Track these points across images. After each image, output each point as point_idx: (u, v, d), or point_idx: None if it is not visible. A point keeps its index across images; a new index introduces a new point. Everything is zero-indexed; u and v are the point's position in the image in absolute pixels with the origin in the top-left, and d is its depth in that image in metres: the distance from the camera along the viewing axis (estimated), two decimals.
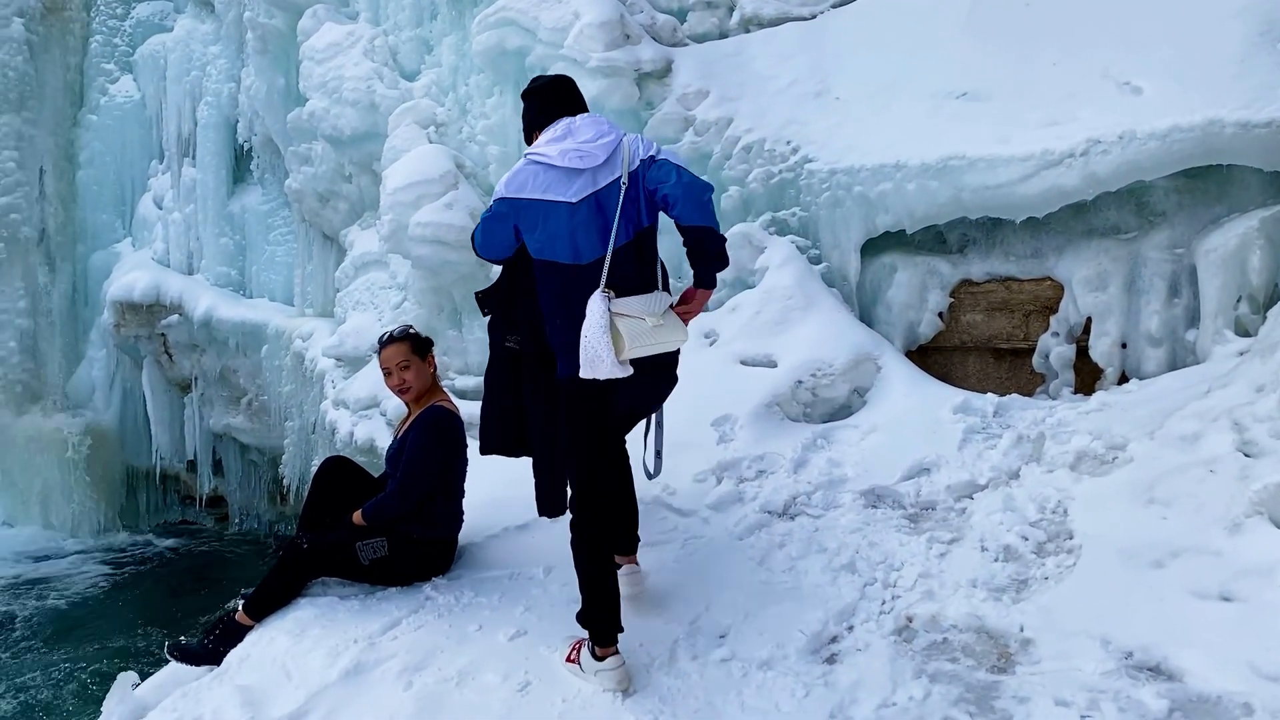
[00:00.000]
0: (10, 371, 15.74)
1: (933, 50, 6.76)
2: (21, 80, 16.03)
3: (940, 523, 4.36)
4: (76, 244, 16.50)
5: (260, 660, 3.90)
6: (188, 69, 14.92)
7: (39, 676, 10.73)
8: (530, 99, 3.85)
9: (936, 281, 6.31)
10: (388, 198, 8.68)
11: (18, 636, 11.87)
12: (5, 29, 15.93)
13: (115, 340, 15.31)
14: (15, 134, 15.94)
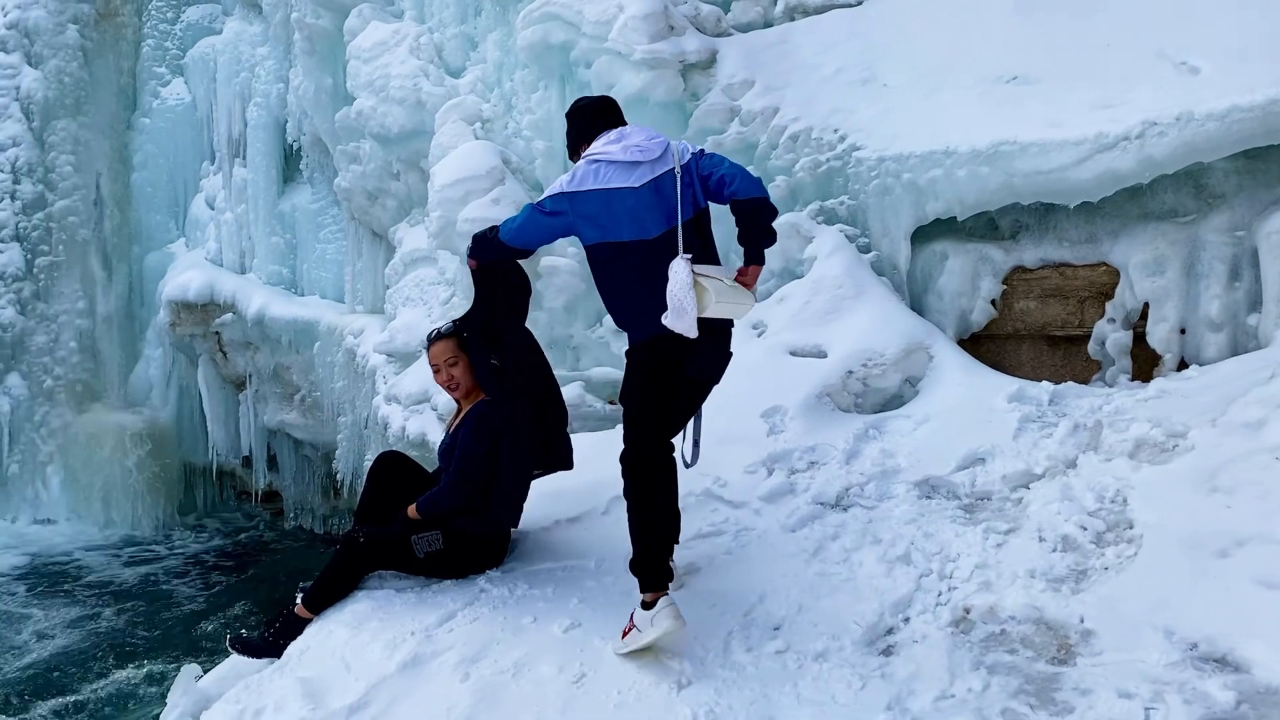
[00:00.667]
0: (70, 371, 16.10)
1: (982, 34, 6.68)
2: (77, 86, 16.37)
3: (996, 513, 4.31)
4: (132, 245, 16.83)
5: (320, 652, 3.96)
6: (237, 70, 15.12)
7: (102, 666, 10.99)
8: (576, 117, 4.19)
9: (989, 268, 6.23)
10: (435, 194, 8.74)
11: (80, 631, 12.16)
12: (60, 36, 16.27)
13: (171, 339, 15.60)
14: (72, 138, 16.29)
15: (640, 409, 3.86)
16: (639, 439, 3.84)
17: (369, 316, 12.30)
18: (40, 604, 12.94)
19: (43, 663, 11.16)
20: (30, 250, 16.03)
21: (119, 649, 11.52)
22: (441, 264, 10.19)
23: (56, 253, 16.16)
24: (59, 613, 12.65)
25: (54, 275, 16.13)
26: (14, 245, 15.93)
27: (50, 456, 15.80)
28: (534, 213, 4.01)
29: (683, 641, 3.63)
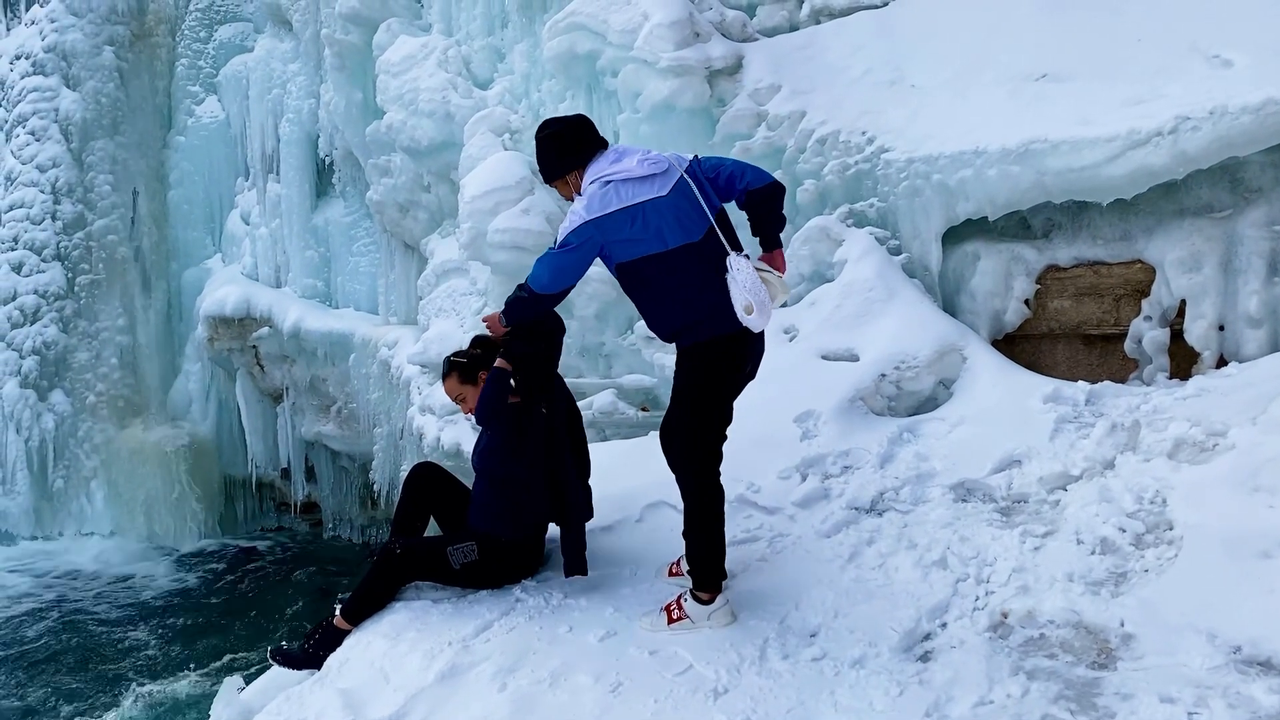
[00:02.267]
0: (112, 387, 16.36)
1: (1010, 32, 6.63)
2: (114, 106, 16.67)
3: (1033, 516, 4.27)
4: (170, 262, 17.10)
5: (359, 664, 3.99)
6: (269, 87, 15.33)
7: (141, 680, 11.13)
8: (556, 141, 4.06)
9: (1021, 268, 6.17)
10: (466, 206, 8.81)
11: (122, 643, 12.33)
12: (97, 58, 16.57)
13: (209, 354, 15.83)
14: (110, 158, 16.58)
15: (706, 410, 3.90)
16: (705, 440, 3.88)
17: (402, 328, 12.41)
18: (82, 616, 13.14)
19: (78, 674, 11.32)
20: (71, 269, 16.32)
21: (160, 661, 11.67)
22: (473, 274, 10.27)
23: (96, 271, 16.45)
24: (99, 625, 12.84)
25: (94, 293, 16.41)
26: (55, 265, 16.23)
27: (94, 471, 16.06)
28: (561, 255, 3.93)
29: (719, 647, 3.62)
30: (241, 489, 16.94)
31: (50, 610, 13.40)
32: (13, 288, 16.05)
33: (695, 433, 3.89)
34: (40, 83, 16.57)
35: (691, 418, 3.90)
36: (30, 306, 16.06)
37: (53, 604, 13.64)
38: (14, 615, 13.30)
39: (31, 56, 16.64)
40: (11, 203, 16.31)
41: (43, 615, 13.21)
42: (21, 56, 16.77)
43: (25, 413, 15.81)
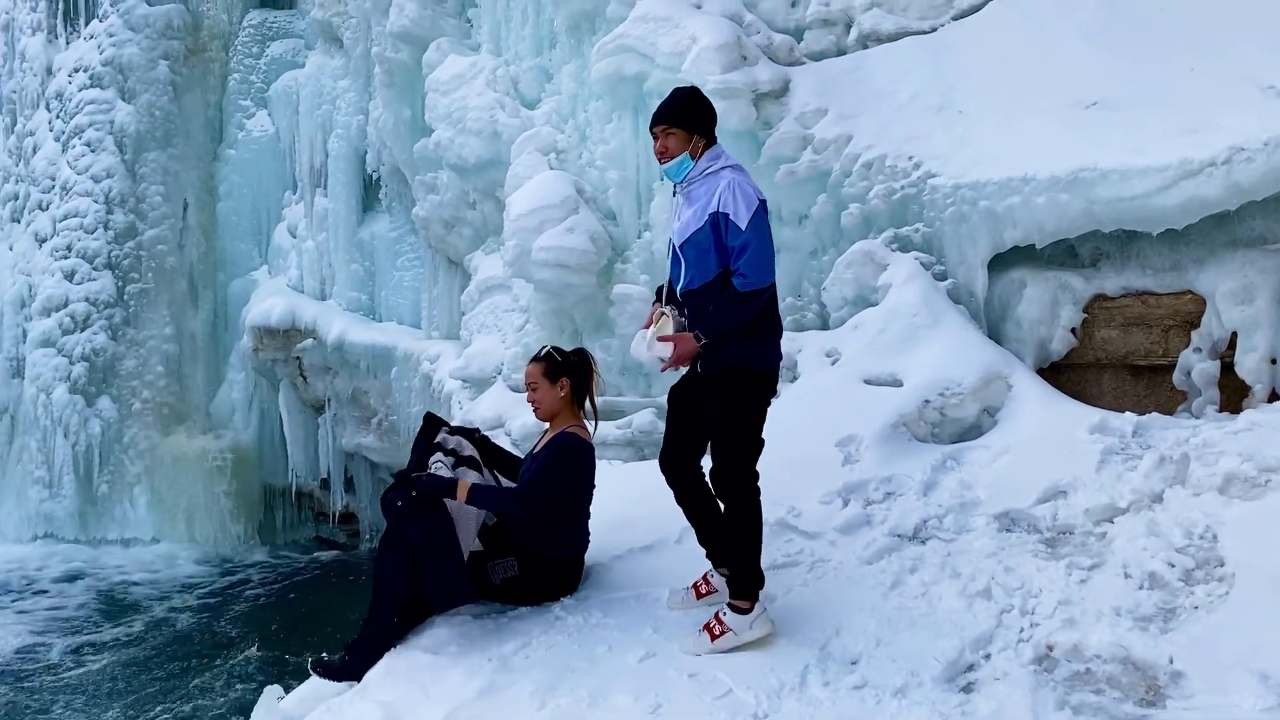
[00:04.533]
0: (158, 394, 16.60)
1: (1060, 60, 6.59)
2: (167, 119, 16.98)
3: (1079, 548, 4.22)
4: (217, 272, 17.35)
5: (399, 677, 4.02)
6: (319, 103, 15.55)
7: (184, 688, 11.25)
8: (709, 105, 4.11)
9: (1068, 296, 6.12)
10: (511, 224, 8.88)
11: (159, 649, 12.47)
12: (152, 71, 16.91)
13: (254, 364, 16.03)
14: (161, 169, 16.88)
15: (756, 432, 4.00)
16: (752, 460, 3.98)
17: (445, 342, 12.51)
18: (122, 623, 13.31)
19: (118, 684, 11.45)
20: (121, 278, 16.61)
21: (198, 669, 11.79)
22: (516, 291, 10.34)
23: (146, 280, 16.73)
24: (135, 631, 13.00)
25: (143, 302, 16.68)
26: (106, 273, 16.53)
27: (138, 477, 16.29)
28: (762, 244, 3.89)
29: (759, 673, 3.61)
30: (281, 498, 17.09)
31: (86, 615, 13.57)
32: (65, 295, 16.35)
33: (753, 455, 3.99)
34: (97, 95, 16.92)
35: (754, 439, 3.99)
36: (81, 314, 16.36)
37: (89, 608, 13.81)
38: (53, 617, 13.49)
39: (89, 69, 17.00)
40: (66, 211, 16.64)
41: (79, 620, 13.39)
42: (80, 69, 17.14)
43: (73, 418, 16.09)
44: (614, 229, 8.89)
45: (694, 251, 3.97)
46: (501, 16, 10.91)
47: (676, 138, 4.02)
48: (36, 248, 17.01)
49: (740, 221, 3.84)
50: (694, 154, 4.02)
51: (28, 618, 13.50)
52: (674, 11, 8.06)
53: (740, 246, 3.86)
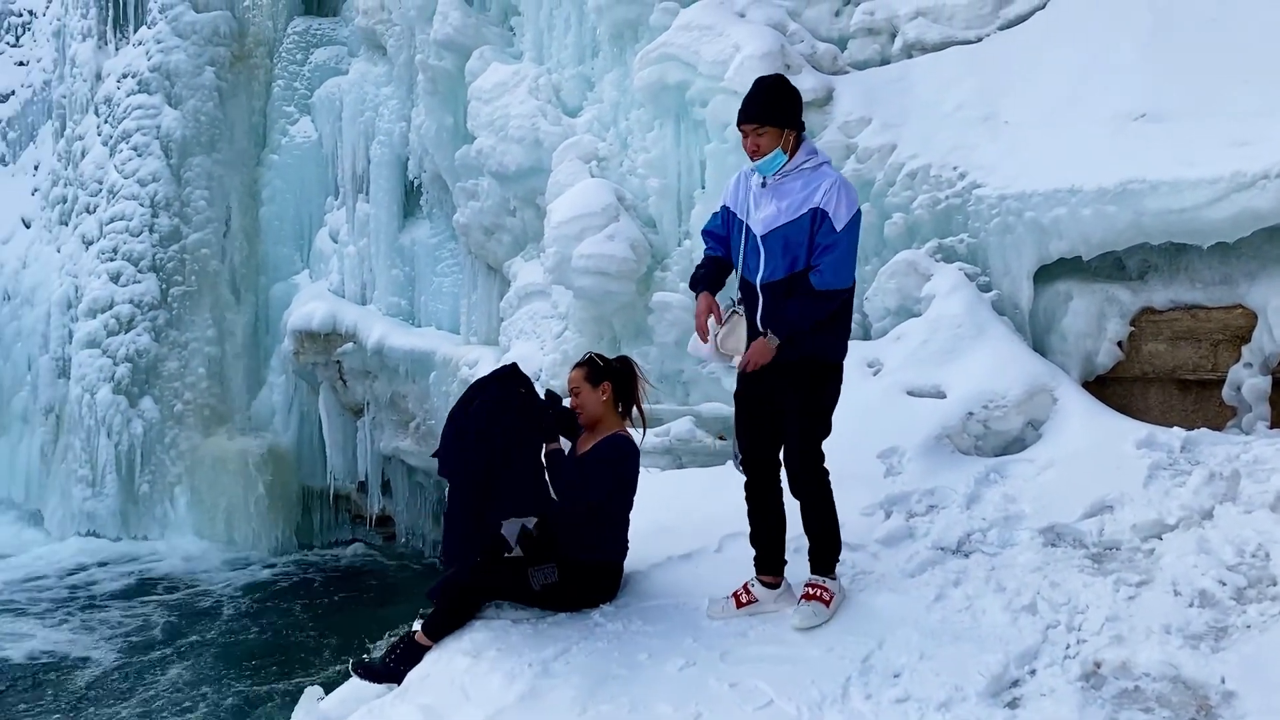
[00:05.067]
0: (199, 396, 16.83)
1: (1108, 70, 6.52)
2: (212, 124, 17.23)
3: (1126, 564, 4.16)
4: (259, 276, 17.57)
5: (439, 680, 4.03)
6: (361, 110, 15.72)
7: (221, 686, 11.36)
8: (800, 99, 4.15)
9: (1115, 309, 6.04)
10: (552, 231, 8.92)
11: (199, 649, 12.60)
12: (198, 77, 17.17)
13: (294, 367, 16.20)
14: (206, 174, 17.13)
15: (829, 419, 4.17)
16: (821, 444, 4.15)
17: (483, 348, 12.58)
18: (162, 622, 13.47)
19: (163, 680, 11.59)
20: (165, 280, 16.87)
21: (234, 669, 11.91)
22: (554, 298, 10.38)
23: (189, 283, 16.97)
24: (181, 632, 13.14)
25: (186, 304, 16.93)
26: (150, 276, 16.80)
27: (178, 477, 16.51)
28: (853, 244, 4.03)
29: (800, 685, 3.59)
30: (318, 500, 17.25)
31: (127, 613, 13.75)
32: (110, 296, 16.63)
33: (819, 443, 4.16)
34: (144, 100, 17.21)
35: (821, 426, 4.15)
36: (125, 315, 16.63)
37: (129, 607, 13.99)
38: (94, 615, 13.68)
39: (137, 75, 17.29)
40: (113, 215, 16.93)
41: (120, 619, 13.56)
42: (128, 75, 17.44)
43: (116, 418, 16.34)
44: (654, 237, 8.90)
45: (780, 244, 4.01)
46: (544, 25, 10.97)
47: (769, 135, 4.01)
48: (83, 250, 17.32)
49: (837, 222, 3.91)
50: (786, 148, 4.02)
51: (63, 613, 13.71)
52: (717, 20, 8.07)
53: (828, 245, 3.92)
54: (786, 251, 3.99)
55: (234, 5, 17.66)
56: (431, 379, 13.59)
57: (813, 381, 4.04)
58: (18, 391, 18.80)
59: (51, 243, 18.96)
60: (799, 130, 4.06)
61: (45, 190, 19.83)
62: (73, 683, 11.50)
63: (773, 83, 4.11)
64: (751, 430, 4.25)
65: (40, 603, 14.12)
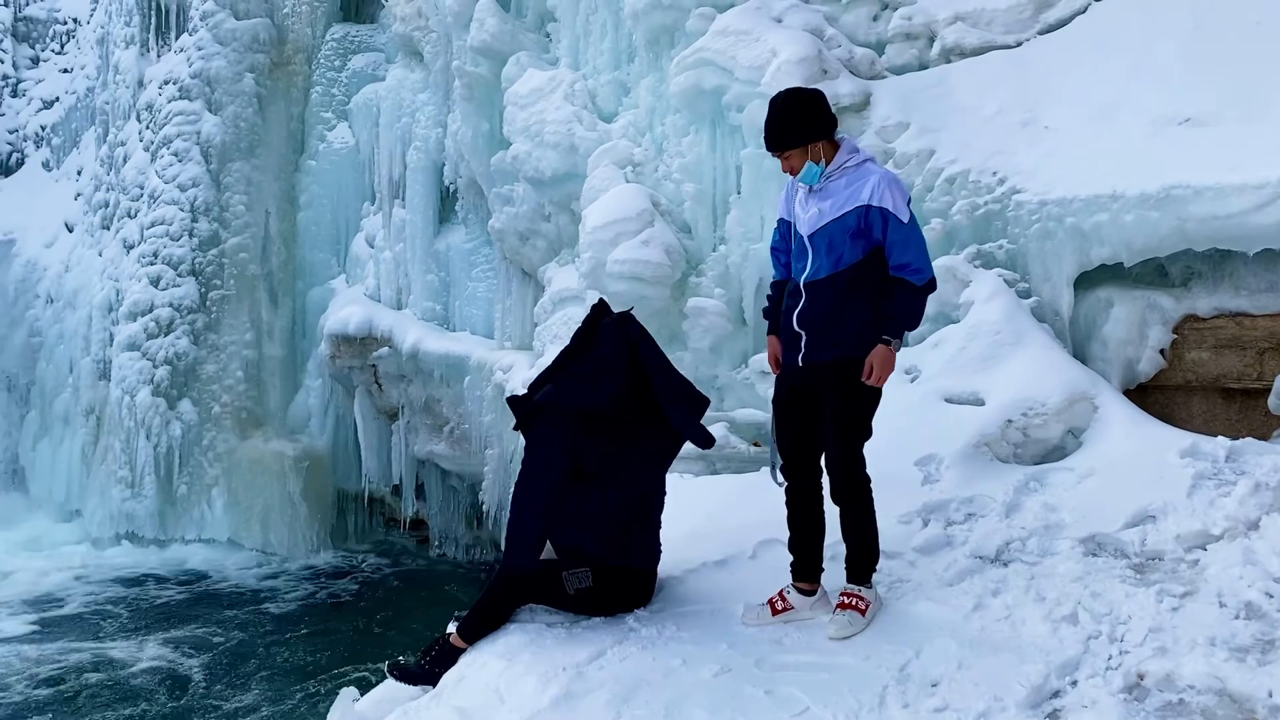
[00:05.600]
0: (237, 399, 16.99)
1: (1151, 75, 6.45)
2: (251, 130, 17.42)
3: (1170, 574, 4.10)
4: (296, 280, 17.71)
5: (474, 683, 4.04)
6: (398, 116, 15.82)
7: (259, 686, 11.46)
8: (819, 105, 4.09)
9: (1157, 316, 5.96)
10: (587, 236, 8.93)
11: (234, 650, 12.71)
12: (238, 84, 17.37)
13: (330, 371, 16.33)
14: (245, 179, 17.31)
15: (870, 420, 4.15)
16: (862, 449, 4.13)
17: (517, 353, 12.61)
18: (195, 622, 13.61)
19: (199, 681, 11.70)
20: (204, 284, 17.06)
21: (272, 668, 12.00)
22: (589, 303, 10.37)
23: (228, 287, 17.15)
24: (211, 631, 13.27)
25: (225, 308, 17.11)
26: (190, 279, 16.99)
27: (215, 479, 16.67)
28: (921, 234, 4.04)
29: (838, 694, 3.56)
30: (353, 503, 17.35)
31: (164, 615, 13.90)
32: (150, 300, 16.83)
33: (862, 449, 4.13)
34: (185, 107, 17.42)
35: (868, 427, 4.13)
36: (165, 318, 16.82)
37: (167, 608, 14.14)
38: (131, 616, 13.84)
39: (178, 82, 17.52)
40: (153, 219, 17.14)
41: (156, 621, 13.71)
42: (169, 82, 17.67)
43: (155, 420, 16.52)
44: (689, 242, 8.89)
45: (825, 242, 4.03)
46: (580, 30, 11.00)
47: (796, 155, 4.05)
48: (124, 254, 17.55)
49: (902, 215, 3.94)
50: (818, 159, 4.03)
51: (104, 618, 13.89)
52: (754, 25, 8.06)
53: (904, 240, 3.94)
54: (831, 250, 4.01)
55: (273, 12, 17.84)
56: (466, 383, 13.64)
57: (854, 382, 4.01)
58: (60, 393, 19.05)
59: (93, 247, 19.24)
60: (829, 135, 4.05)
61: (88, 195, 20.14)
62: (106, 685, 11.63)
63: (783, 104, 4.08)
64: (793, 435, 4.23)
65: (74, 604, 14.32)
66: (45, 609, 14.15)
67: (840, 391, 4.03)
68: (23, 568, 15.91)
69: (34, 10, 24.18)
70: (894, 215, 3.92)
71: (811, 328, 4.06)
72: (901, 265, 3.96)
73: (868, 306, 4.02)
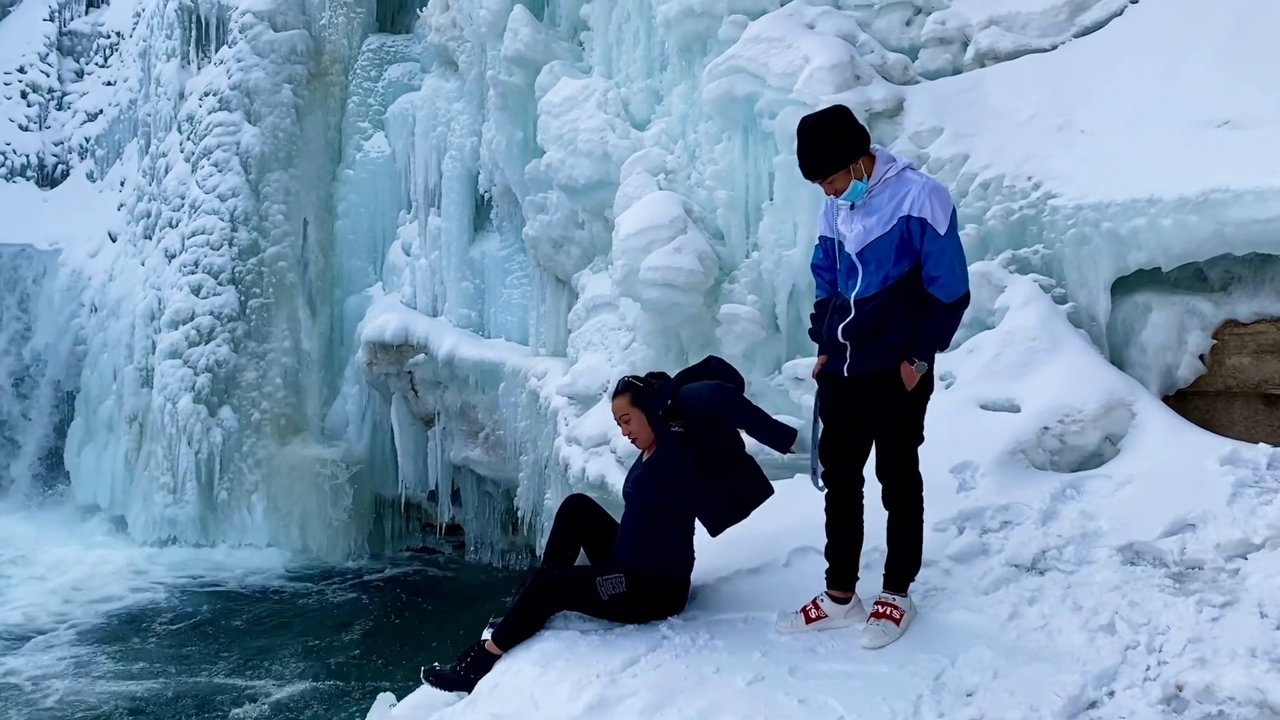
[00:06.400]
0: (276, 406, 17.21)
1: (1188, 78, 6.37)
2: (290, 140, 17.66)
3: (1210, 584, 4.04)
4: (334, 288, 17.93)
5: (509, 690, 4.07)
6: (433, 125, 15.98)
7: (297, 689, 11.58)
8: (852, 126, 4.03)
9: (1196, 322, 5.88)
10: (620, 243, 8.97)
11: (273, 653, 12.86)
12: (276, 95, 17.62)
13: (367, 377, 16.50)
14: (284, 189, 17.55)
15: (921, 427, 4.18)
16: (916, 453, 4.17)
17: (551, 359, 12.68)
18: (232, 626, 13.77)
19: (235, 684, 11.84)
20: (244, 293, 17.31)
21: (310, 672, 12.12)
22: (622, 309, 10.42)
23: (267, 295, 17.38)
24: (249, 635, 13.43)
25: (264, 316, 17.34)
26: (230, 288, 17.24)
27: (255, 485, 16.89)
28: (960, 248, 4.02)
29: (870, 701, 3.55)
30: (390, 509, 17.52)
31: (202, 618, 14.08)
32: (191, 308, 17.10)
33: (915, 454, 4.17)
34: (225, 118, 17.70)
35: (919, 433, 4.17)
36: (206, 327, 17.08)
37: (205, 612, 14.32)
38: (170, 619, 14.03)
39: (218, 93, 17.80)
40: (195, 229, 17.43)
41: (195, 622, 13.89)
42: (210, 93, 17.96)
43: (196, 426, 16.78)
44: (721, 249, 8.90)
45: (874, 257, 4.01)
46: (613, 39, 11.06)
47: (840, 178, 4.02)
48: (166, 263, 17.85)
49: (939, 227, 3.89)
50: (860, 176, 4.01)
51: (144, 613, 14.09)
52: (786, 32, 8.06)
53: (939, 252, 3.90)
54: (880, 266, 4.00)
55: (311, 24, 18.08)
56: (500, 389, 13.73)
57: (899, 389, 4.01)
58: (104, 400, 19.40)
59: (136, 256, 19.58)
60: (865, 150, 4.02)
61: (130, 205, 20.49)
62: (137, 696, 11.80)
63: (814, 131, 3.99)
64: (836, 442, 4.23)
65: (119, 603, 14.55)
66: (90, 610, 14.40)
67: (888, 400, 4.04)
68: (70, 568, 16.21)
69: (78, 25, 24.66)
70: (931, 226, 3.89)
71: (856, 340, 4.07)
72: (932, 278, 3.94)
73: (910, 318, 4.01)
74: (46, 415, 21.16)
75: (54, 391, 21.06)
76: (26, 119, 23.62)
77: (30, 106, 23.78)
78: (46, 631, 13.57)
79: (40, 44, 24.22)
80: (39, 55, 24.11)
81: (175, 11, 18.90)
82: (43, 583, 15.54)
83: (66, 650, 12.90)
